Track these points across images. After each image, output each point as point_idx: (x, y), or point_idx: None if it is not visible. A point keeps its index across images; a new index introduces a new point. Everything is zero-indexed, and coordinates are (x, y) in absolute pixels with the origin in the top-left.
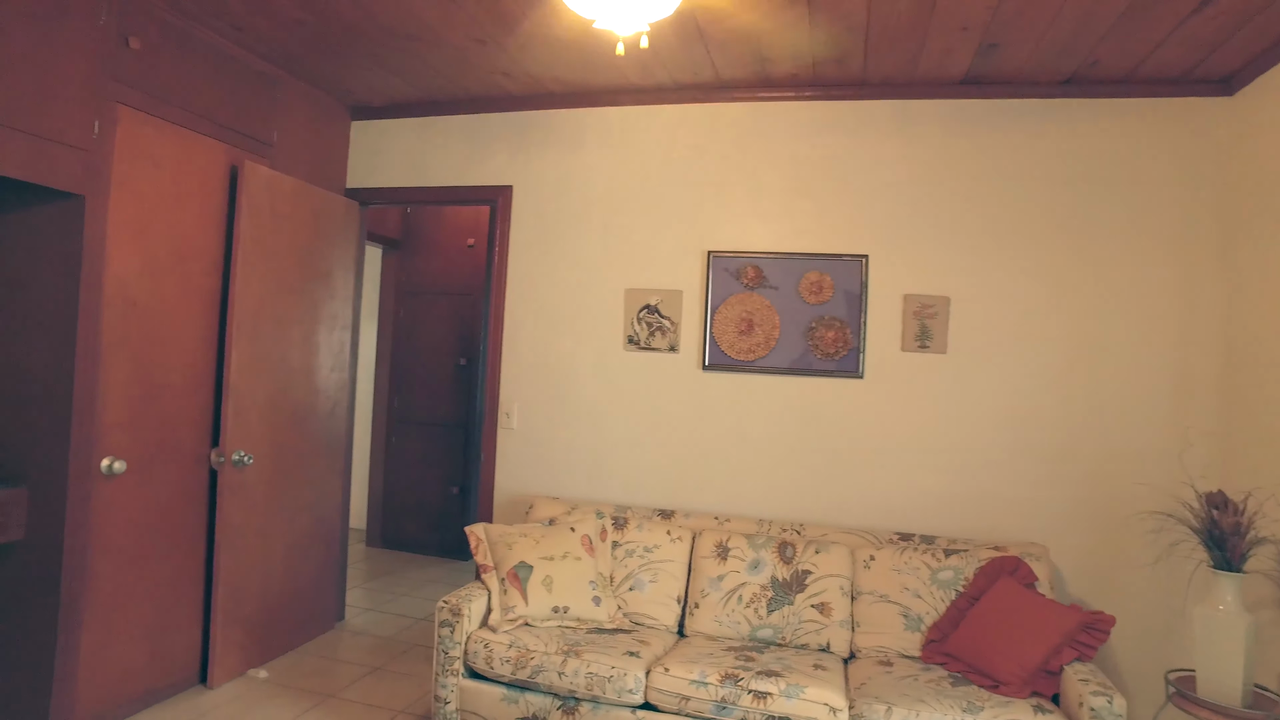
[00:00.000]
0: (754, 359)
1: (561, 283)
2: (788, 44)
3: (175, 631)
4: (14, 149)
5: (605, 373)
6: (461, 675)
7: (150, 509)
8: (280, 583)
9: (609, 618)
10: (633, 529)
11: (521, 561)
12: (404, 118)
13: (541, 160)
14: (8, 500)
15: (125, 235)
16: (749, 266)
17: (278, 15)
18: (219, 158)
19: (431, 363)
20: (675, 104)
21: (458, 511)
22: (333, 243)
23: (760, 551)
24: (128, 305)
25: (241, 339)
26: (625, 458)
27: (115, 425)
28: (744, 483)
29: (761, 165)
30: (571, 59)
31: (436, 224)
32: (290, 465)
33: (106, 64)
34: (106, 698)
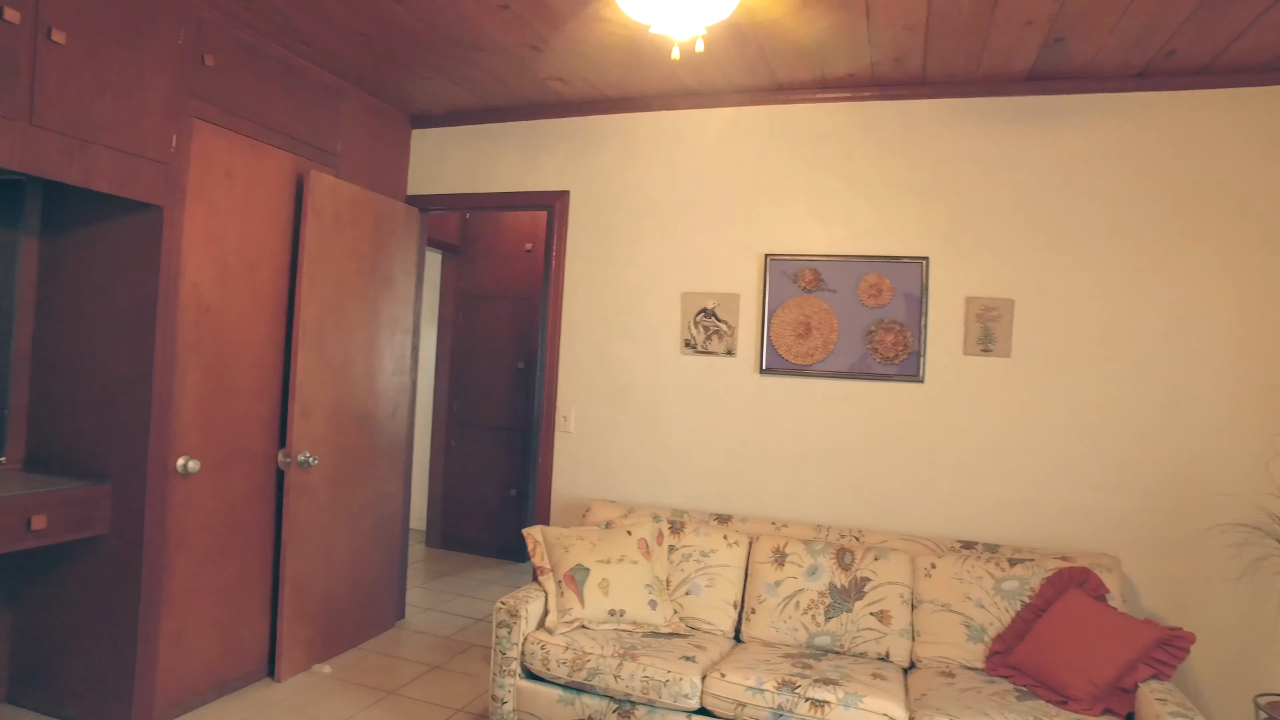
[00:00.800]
0: (812, 363)
1: (618, 287)
2: (845, 44)
3: (245, 626)
4: (104, 164)
5: (662, 377)
6: (518, 676)
7: (222, 507)
8: (343, 581)
9: (665, 622)
10: (689, 533)
11: (578, 564)
12: (462, 125)
13: (598, 165)
14: (94, 496)
15: (199, 243)
16: (806, 269)
17: (342, 29)
18: (286, 168)
19: (490, 366)
20: (731, 107)
21: (515, 514)
22: (394, 248)
23: (818, 557)
24: (201, 311)
25: (307, 343)
26: (682, 462)
27: (190, 426)
28: (801, 488)
29: (819, 167)
30: (626, 64)
31: (495, 229)
32: (353, 467)
33: (184, 81)
34: (183, 686)
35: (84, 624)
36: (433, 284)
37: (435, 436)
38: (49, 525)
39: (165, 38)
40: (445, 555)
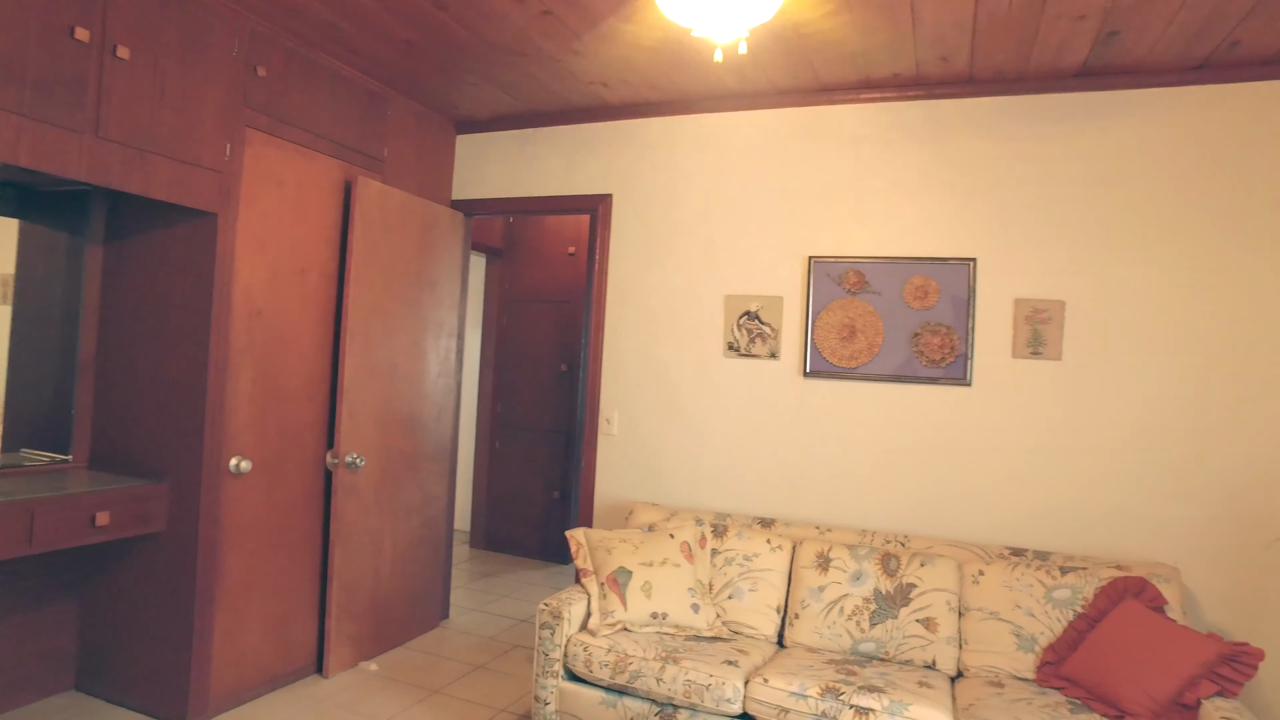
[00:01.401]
0: (856, 366)
1: (661, 290)
2: (890, 45)
3: (294, 623)
4: (163, 173)
5: (705, 379)
6: (561, 677)
7: (272, 506)
8: (389, 580)
9: (707, 625)
10: (732, 537)
11: (621, 567)
12: (506, 130)
13: (640, 168)
14: (153, 494)
15: (251, 249)
16: (851, 271)
17: (388, 37)
18: (335, 174)
19: (534, 369)
20: (774, 108)
21: (559, 516)
22: (439, 252)
23: (863, 563)
24: (253, 315)
25: (354, 346)
26: (725, 465)
27: (242, 427)
28: (845, 492)
29: (863, 168)
30: (668, 67)
31: (538, 233)
32: (399, 468)
33: (238, 91)
34: (236, 679)
35: (144, 617)
36: (477, 287)
37: (479, 438)
38: (111, 521)
39: (220, 50)
40: (489, 556)
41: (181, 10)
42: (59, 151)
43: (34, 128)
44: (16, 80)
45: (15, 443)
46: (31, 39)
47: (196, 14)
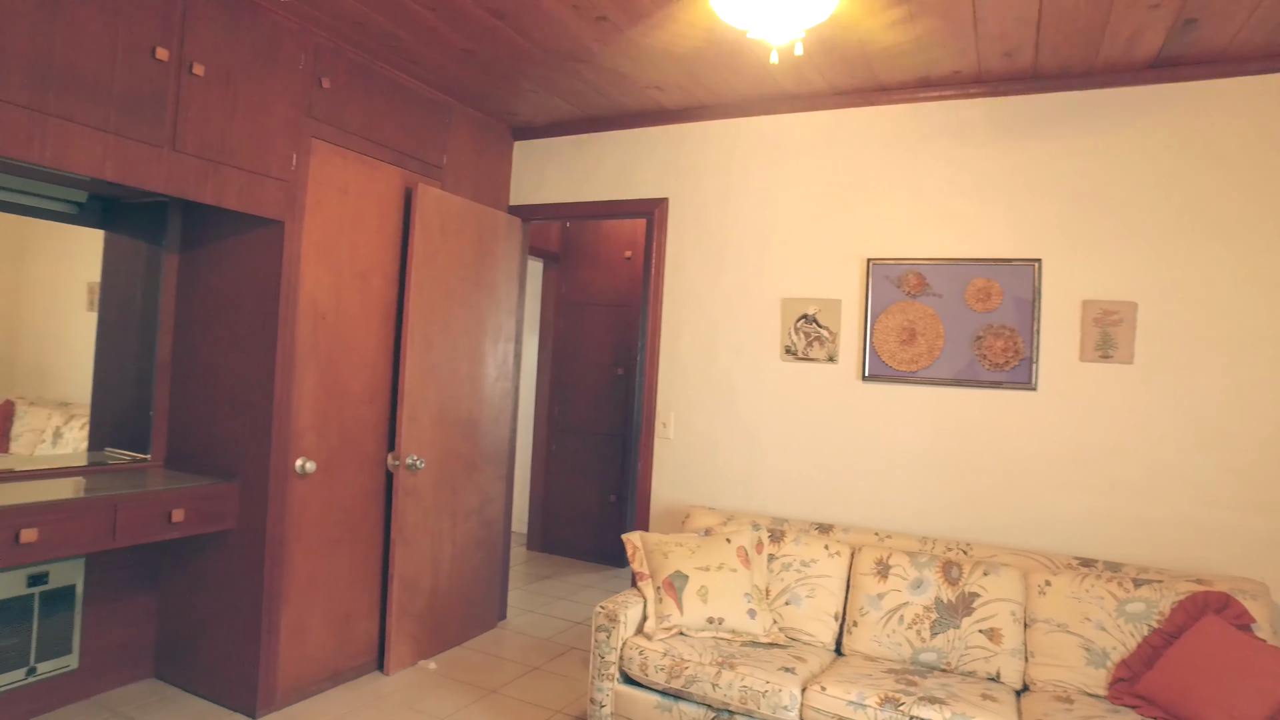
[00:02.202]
0: (916, 369)
1: (718, 293)
2: (950, 42)
3: (357, 620)
4: (233, 184)
5: (762, 383)
6: (617, 680)
7: (336, 506)
8: (448, 581)
9: (764, 631)
10: (789, 542)
11: (677, 571)
12: (563, 136)
13: (696, 171)
14: (224, 493)
15: (315, 255)
16: (911, 273)
17: (448, 47)
18: (396, 181)
19: (590, 373)
20: (831, 109)
21: (615, 519)
22: (497, 257)
23: (923, 570)
24: (317, 319)
25: (414, 349)
26: (782, 469)
27: (307, 428)
28: (906, 498)
29: (923, 168)
30: (724, 70)
31: (595, 237)
32: (458, 470)
33: (304, 103)
34: (301, 674)
35: (216, 611)
36: (534, 292)
37: (537, 441)
38: (186, 518)
39: (287, 64)
40: (545, 558)
41: (253, 27)
42: (140, 165)
43: (118, 144)
44: (104, 100)
45: (100, 442)
46: (118, 60)
47: (266, 30)
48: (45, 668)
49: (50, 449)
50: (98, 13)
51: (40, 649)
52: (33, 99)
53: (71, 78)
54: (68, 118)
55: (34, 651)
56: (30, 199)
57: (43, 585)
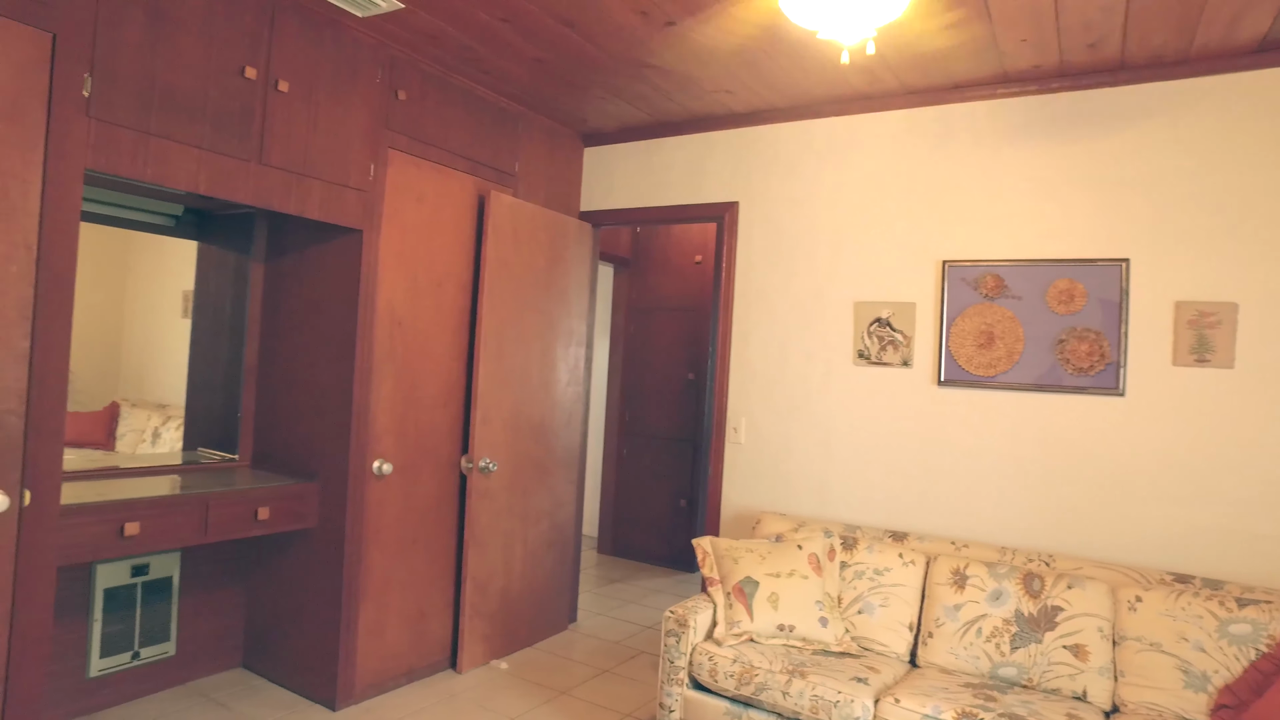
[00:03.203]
0: (994, 374)
1: (789, 297)
2: (1030, 36)
3: (431, 619)
4: (315, 194)
5: (834, 388)
6: (686, 686)
7: (411, 508)
8: (519, 582)
9: (836, 640)
10: (862, 550)
11: (747, 577)
12: (632, 141)
13: (766, 174)
14: (305, 493)
15: (392, 262)
16: (988, 276)
17: (520, 57)
18: (469, 189)
19: (661, 377)
20: (903, 109)
21: (685, 524)
22: (569, 263)
23: (1003, 582)
24: (394, 324)
25: (487, 354)
26: (854, 476)
27: (384, 431)
28: (983, 507)
29: (1001, 167)
30: (794, 72)
31: (665, 242)
32: (529, 473)
33: (381, 115)
34: (379, 669)
35: (298, 606)
36: (605, 297)
37: (607, 446)
38: (270, 516)
39: (366, 78)
40: (615, 562)
41: (334, 44)
42: (229, 178)
43: (211, 159)
44: (199, 118)
45: (193, 441)
46: (211, 81)
47: (346, 47)
48: (147, 653)
49: (150, 448)
50: (195, 38)
51: (143, 635)
52: (138, 120)
53: (171, 99)
54: (167, 136)
55: (137, 637)
56: (133, 213)
57: (144, 576)
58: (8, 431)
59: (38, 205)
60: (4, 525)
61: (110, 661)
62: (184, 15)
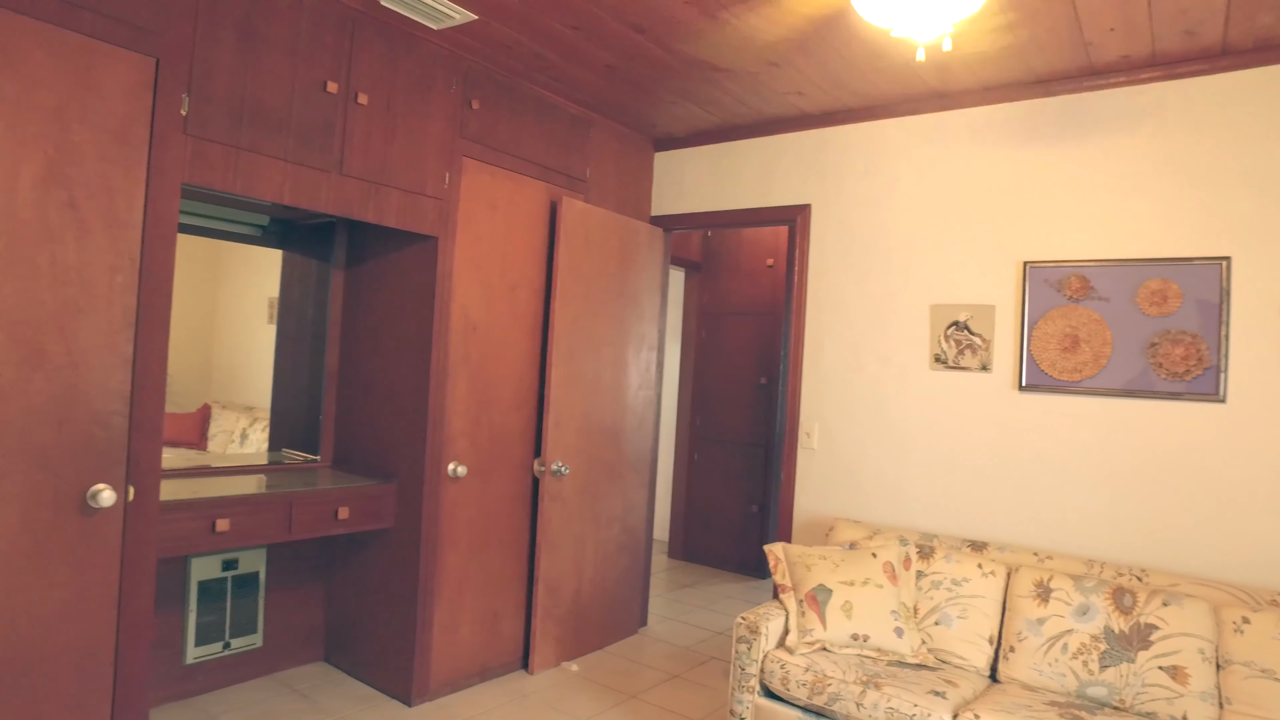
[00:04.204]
0: (1080, 379)
1: (863, 300)
2: (1117, 23)
3: (503, 620)
4: (393, 203)
5: (909, 393)
6: (757, 693)
7: (484, 510)
8: (590, 585)
9: (912, 651)
10: (939, 559)
11: (820, 584)
12: (703, 145)
13: (839, 176)
14: (383, 493)
15: (467, 268)
16: (1072, 276)
17: (591, 64)
18: (541, 196)
19: (732, 382)
20: (981, 105)
21: (756, 529)
22: (640, 268)
23: (1090, 596)
24: (468, 329)
25: (559, 358)
26: (930, 483)
27: (458, 434)
28: (1067, 517)
29: (1087, 163)
30: (867, 71)
31: (736, 246)
32: (601, 477)
33: (455, 124)
34: (453, 668)
35: (376, 603)
36: (676, 301)
37: (678, 450)
38: (350, 516)
39: (440, 89)
40: (686, 567)
41: (410, 57)
42: (312, 189)
43: (295, 170)
44: (284, 132)
45: (278, 442)
46: (295, 96)
47: (422, 59)
48: (237, 643)
49: (238, 448)
50: (281, 55)
51: (233, 626)
52: (229, 136)
53: (259, 115)
54: (255, 150)
55: (228, 628)
56: (223, 224)
57: (234, 570)
58: (114, 431)
59: (140, 219)
60: (111, 519)
61: (203, 650)
62: (272, 34)
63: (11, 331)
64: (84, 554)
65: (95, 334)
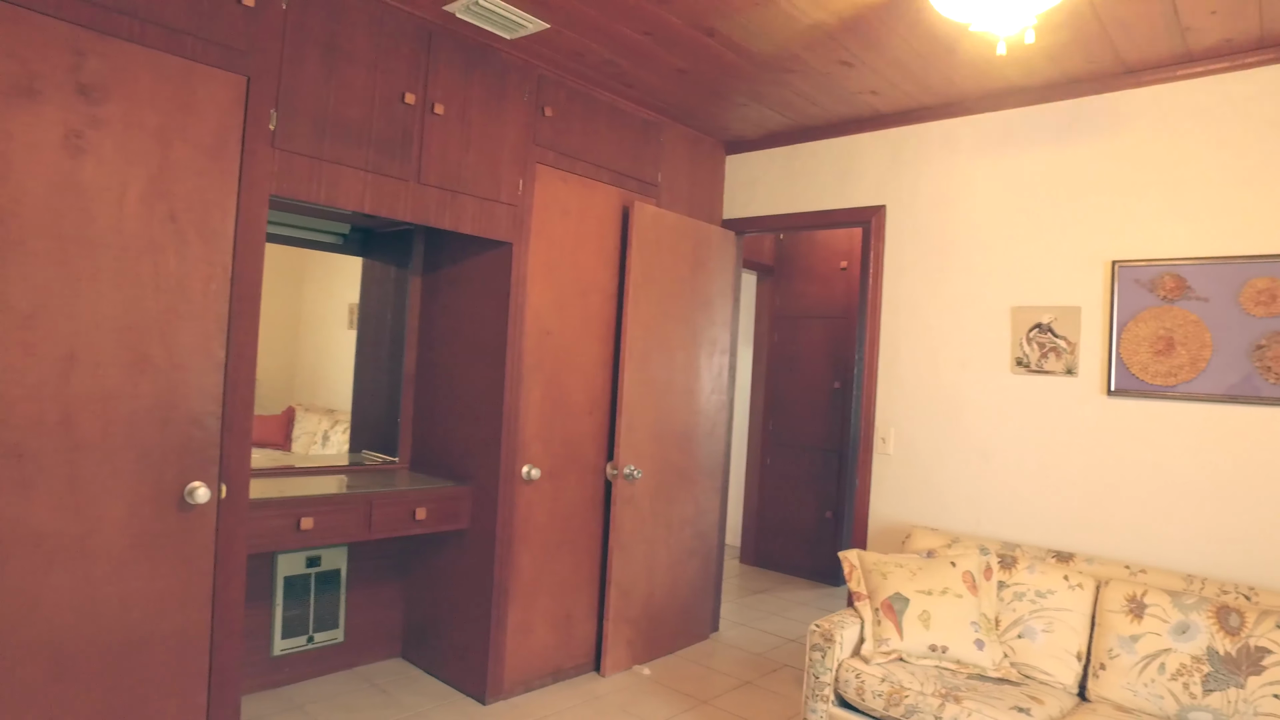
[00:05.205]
0: (1175, 384)
1: (940, 303)
2: (1219, 5)
3: (576, 622)
4: (468, 210)
5: (989, 397)
6: (831, 703)
7: (558, 512)
8: (662, 589)
9: (993, 664)
10: (1022, 570)
11: (897, 593)
12: (774, 147)
13: (915, 176)
14: (460, 495)
15: (540, 274)
16: (1166, 275)
17: (662, 69)
18: (613, 201)
19: (805, 386)
20: (1065, 100)
21: (830, 536)
22: (712, 271)
23: (1190, 614)
24: (542, 334)
25: (632, 362)
26: (1012, 490)
27: (532, 437)
28: (1162, 529)
29: (1182, 156)
30: (944, 68)
31: (809, 248)
32: (673, 481)
33: (529, 132)
34: (526, 668)
35: (452, 602)
36: (748, 305)
37: (751, 455)
38: (427, 516)
39: (514, 97)
40: (758, 573)
41: (484, 67)
42: (391, 198)
43: (375, 180)
44: (365, 143)
45: (358, 444)
46: (375, 108)
47: (496, 68)
48: (320, 638)
49: (320, 449)
50: (363, 69)
51: (316, 621)
52: (313, 148)
53: (341, 127)
54: (337, 161)
55: (311, 623)
56: (306, 233)
57: (317, 567)
58: (208, 432)
59: (232, 229)
60: (206, 515)
61: (289, 643)
62: (353, 49)
63: (120, 337)
64: (182, 547)
65: (192, 339)
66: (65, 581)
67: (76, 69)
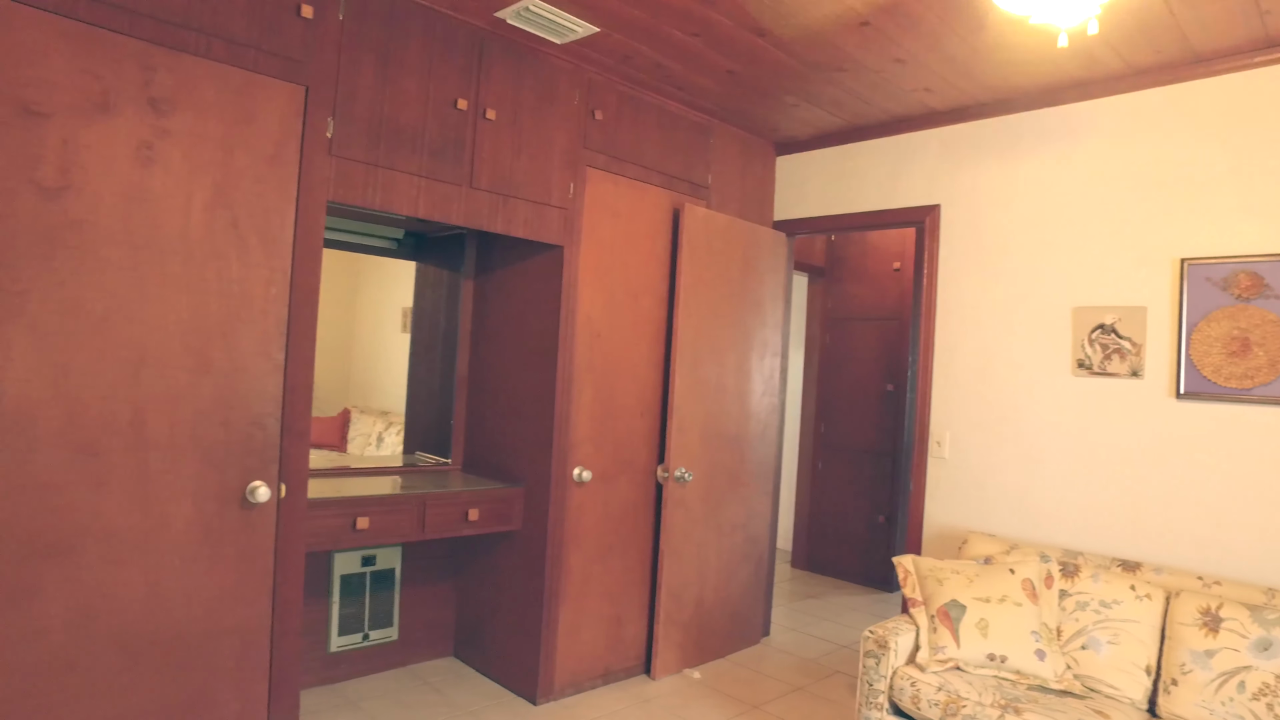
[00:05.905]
0: (1251, 386)
1: (997, 303)
2: None
3: (626, 624)
4: (520, 214)
5: (1049, 400)
6: (885, 710)
7: (608, 515)
8: (713, 593)
9: (1055, 676)
10: (1085, 578)
11: (954, 600)
12: (826, 147)
13: (971, 174)
14: (510, 496)
15: (591, 276)
16: (1240, 273)
17: (711, 70)
18: (664, 203)
19: (858, 389)
20: (1129, 92)
21: (883, 541)
22: (763, 273)
23: (1271, 630)
24: (593, 337)
25: (683, 365)
26: (1074, 496)
27: (583, 440)
28: (1238, 539)
29: (1257, 147)
30: (1000, 63)
31: (860, 249)
32: (724, 484)
33: (579, 135)
34: (576, 669)
35: (503, 603)
36: (799, 307)
37: (802, 458)
38: (480, 518)
39: (564, 102)
40: (809, 577)
41: (535, 72)
42: (444, 202)
43: (428, 185)
44: (419, 149)
45: (412, 446)
46: (429, 114)
47: (546, 73)
48: (375, 635)
49: (375, 450)
50: (416, 77)
51: (371, 619)
52: (368, 155)
53: (395, 133)
54: (392, 167)
55: (367, 620)
56: (361, 238)
57: (372, 566)
58: (268, 432)
59: (291, 235)
60: (266, 513)
61: (345, 640)
62: (407, 57)
63: (185, 340)
64: (243, 545)
65: (252, 342)
66: (135, 575)
67: (147, 83)
